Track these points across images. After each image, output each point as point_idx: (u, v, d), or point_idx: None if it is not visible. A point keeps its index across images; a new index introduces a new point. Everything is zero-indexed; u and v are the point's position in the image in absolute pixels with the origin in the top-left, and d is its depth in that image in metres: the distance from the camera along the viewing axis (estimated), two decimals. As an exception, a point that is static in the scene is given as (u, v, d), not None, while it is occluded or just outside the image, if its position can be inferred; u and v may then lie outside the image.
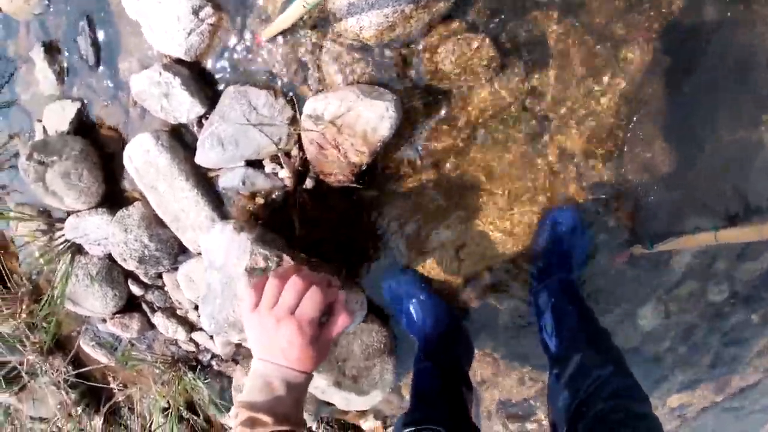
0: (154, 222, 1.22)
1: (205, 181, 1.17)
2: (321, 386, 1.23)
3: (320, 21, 1.00)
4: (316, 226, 1.18)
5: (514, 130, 1.11)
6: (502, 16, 1.03)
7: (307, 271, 0.68)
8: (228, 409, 1.43)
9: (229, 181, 1.09)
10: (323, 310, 0.65)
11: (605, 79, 1.09)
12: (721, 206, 1.14)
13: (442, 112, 1.08)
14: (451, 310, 1.24)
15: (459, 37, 1.03)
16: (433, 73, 1.05)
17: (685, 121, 1.11)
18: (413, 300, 1.21)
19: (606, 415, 0.81)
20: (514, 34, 1.04)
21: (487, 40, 1.02)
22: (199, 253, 1.26)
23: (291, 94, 1.05)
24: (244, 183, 1.07)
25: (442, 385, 1.11)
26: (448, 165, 1.12)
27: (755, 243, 1.23)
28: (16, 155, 1.46)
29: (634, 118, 1.12)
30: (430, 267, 1.21)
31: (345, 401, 1.28)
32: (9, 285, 1.61)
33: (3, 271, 1.61)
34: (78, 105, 1.25)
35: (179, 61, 1.07)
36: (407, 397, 1.46)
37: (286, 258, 0.92)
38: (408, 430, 0.93)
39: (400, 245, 1.19)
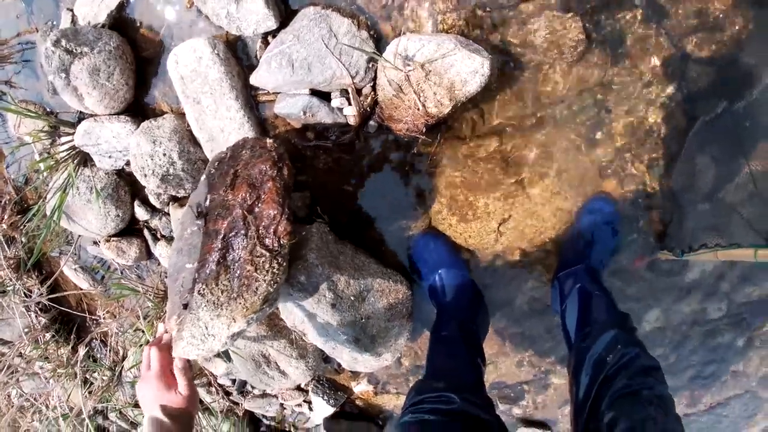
0: (186, 138, 1.13)
1: (253, 103, 1.09)
2: (333, 342, 1.19)
3: (419, -41, 0.96)
4: (356, 174, 1.14)
5: (578, 117, 1.11)
6: (594, 4, 1.03)
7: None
8: (223, 354, 1.35)
9: (287, 107, 1.02)
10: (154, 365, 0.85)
11: (669, 89, 1.11)
12: (763, 227, 1.20)
13: (517, 81, 1.07)
14: (475, 284, 1.24)
15: (554, 13, 1.02)
16: (520, 42, 1.04)
17: (738, 143, 1.15)
18: (443, 268, 1.19)
19: (636, 391, 0.84)
20: (601, 25, 1.05)
21: (579, 22, 1.03)
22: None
23: (373, 29, 0.99)
24: (305, 112, 1.01)
25: (461, 356, 1.10)
26: (508, 137, 1.11)
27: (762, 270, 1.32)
28: (26, 47, 1.30)
29: (690, 132, 1.15)
30: (467, 235, 1.19)
31: (352, 361, 1.24)
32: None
33: (-15, 173, 1.44)
34: (120, -3, 1.13)
35: (258, -32, 0.98)
36: (406, 364, 1.45)
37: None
38: (423, 396, 0.92)
39: (443, 209, 1.16)
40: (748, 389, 1.60)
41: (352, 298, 1.10)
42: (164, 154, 1.10)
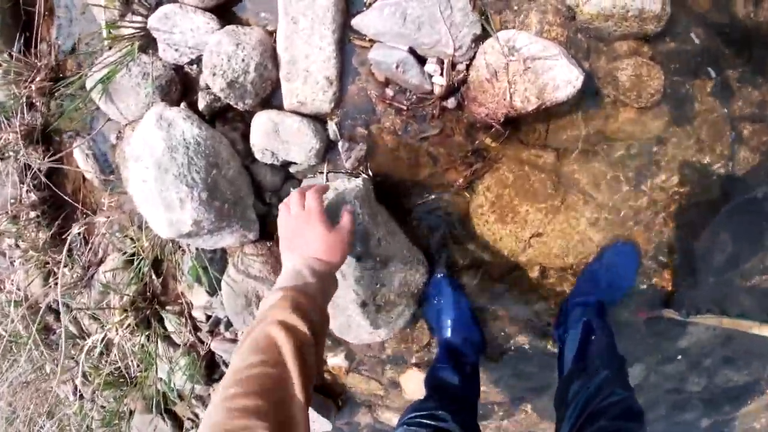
0: (269, 54, 1.12)
1: (345, 44, 1.10)
2: (339, 301, 1.16)
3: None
4: (416, 143, 1.15)
5: (631, 161, 1.18)
6: (677, 66, 1.11)
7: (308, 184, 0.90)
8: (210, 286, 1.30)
9: (382, 55, 1.04)
10: (322, 202, 0.87)
11: (717, 163, 1.19)
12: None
13: (590, 109, 1.13)
14: (477, 319, 1.29)
15: (644, 60, 1.09)
16: (605, 75, 1.10)
17: (763, 230, 1.24)
18: (453, 319, 1.25)
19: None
20: (676, 85, 1.13)
21: (663, 75, 1.10)
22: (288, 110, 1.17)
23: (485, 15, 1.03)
24: (397, 66, 1.02)
25: (460, 386, 1.15)
26: (566, 157, 1.16)
27: (748, 354, 1.39)
28: None
29: (722, 207, 1.23)
30: (499, 237, 1.21)
31: (346, 326, 1.21)
32: (32, 51, 1.37)
33: (34, 33, 1.37)
34: None
35: None
36: (388, 351, 1.42)
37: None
38: (418, 413, 1.00)
39: (486, 204, 1.18)
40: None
41: (378, 258, 1.09)
42: (242, 60, 1.09)
